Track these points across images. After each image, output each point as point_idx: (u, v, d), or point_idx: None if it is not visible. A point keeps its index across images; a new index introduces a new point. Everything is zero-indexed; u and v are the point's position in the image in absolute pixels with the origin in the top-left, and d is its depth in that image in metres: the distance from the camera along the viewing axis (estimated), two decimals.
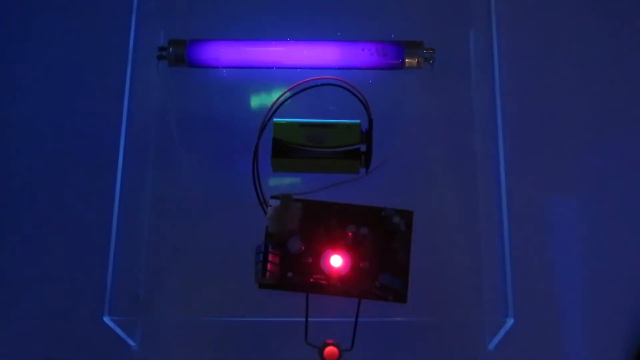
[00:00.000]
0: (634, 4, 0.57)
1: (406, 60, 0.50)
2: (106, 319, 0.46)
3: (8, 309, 0.50)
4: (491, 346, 0.48)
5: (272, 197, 0.46)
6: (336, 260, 0.45)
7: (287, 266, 0.45)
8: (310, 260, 0.45)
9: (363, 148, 0.47)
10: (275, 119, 0.48)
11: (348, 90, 0.47)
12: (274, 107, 0.48)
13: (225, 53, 0.51)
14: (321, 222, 0.46)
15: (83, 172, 0.53)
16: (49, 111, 0.55)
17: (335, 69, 0.50)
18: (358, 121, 0.48)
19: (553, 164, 0.53)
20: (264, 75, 0.51)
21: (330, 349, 0.43)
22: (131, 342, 0.49)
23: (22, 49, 0.55)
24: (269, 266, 0.44)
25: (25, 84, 0.55)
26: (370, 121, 0.47)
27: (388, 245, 0.46)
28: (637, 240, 0.51)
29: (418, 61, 0.50)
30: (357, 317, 0.44)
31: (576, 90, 0.54)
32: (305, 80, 0.48)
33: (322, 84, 0.48)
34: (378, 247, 0.45)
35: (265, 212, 0.46)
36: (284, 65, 0.51)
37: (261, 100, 0.49)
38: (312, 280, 0.45)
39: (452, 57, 0.52)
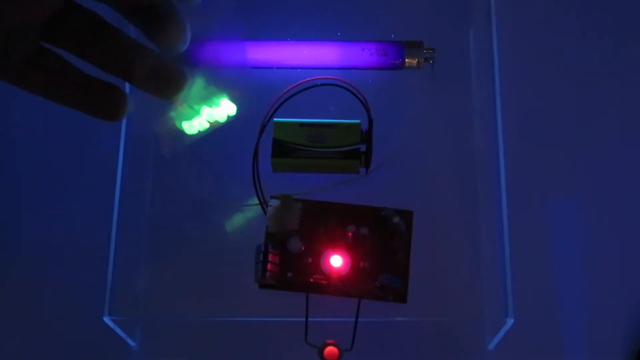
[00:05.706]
0: (635, 4, 0.57)
1: (406, 60, 0.50)
2: (106, 319, 0.46)
3: (7, 309, 0.50)
4: (491, 346, 0.48)
5: (272, 197, 0.46)
6: (336, 260, 0.45)
7: (287, 266, 0.45)
8: (310, 260, 0.45)
9: (363, 148, 0.47)
10: (275, 119, 0.48)
11: (348, 90, 0.47)
12: (274, 107, 0.48)
13: (225, 53, 0.50)
14: (321, 222, 0.46)
15: (83, 171, 0.53)
16: (49, 109, 0.54)
17: (335, 69, 0.50)
18: (358, 121, 0.48)
19: (553, 164, 0.53)
20: (264, 75, 0.51)
21: (330, 349, 0.43)
22: (131, 342, 0.49)
23: None
24: (269, 266, 0.44)
25: None
26: (370, 121, 0.47)
27: (388, 245, 0.45)
28: (638, 240, 0.51)
29: (418, 61, 0.50)
30: (357, 317, 0.44)
31: (577, 90, 0.54)
32: (305, 80, 0.48)
33: (322, 84, 0.48)
34: (378, 247, 0.45)
35: (265, 212, 0.46)
36: (284, 65, 0.51)
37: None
38: (312, 280, 0.45)
39: (452, 57, 0.52)
